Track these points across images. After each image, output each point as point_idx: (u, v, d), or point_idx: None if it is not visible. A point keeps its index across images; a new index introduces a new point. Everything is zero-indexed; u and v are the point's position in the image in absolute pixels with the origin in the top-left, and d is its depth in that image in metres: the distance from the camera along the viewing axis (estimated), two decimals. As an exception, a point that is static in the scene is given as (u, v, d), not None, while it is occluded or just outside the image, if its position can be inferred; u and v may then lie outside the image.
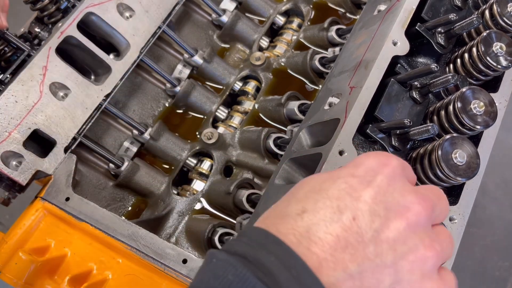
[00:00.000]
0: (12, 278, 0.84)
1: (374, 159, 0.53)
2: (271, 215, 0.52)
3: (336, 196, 0.50)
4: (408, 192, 0.51)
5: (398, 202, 0.50)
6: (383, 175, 0.51)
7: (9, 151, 0.91)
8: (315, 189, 0.52)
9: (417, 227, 0.50)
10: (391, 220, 0.49)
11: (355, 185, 0.50)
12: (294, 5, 1.30)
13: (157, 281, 0.88)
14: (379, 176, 0.51)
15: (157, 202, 1.09)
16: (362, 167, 0.52)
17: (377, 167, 0.52)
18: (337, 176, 0.52)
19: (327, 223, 0.48)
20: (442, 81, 0.81)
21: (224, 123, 1.19)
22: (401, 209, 0.50)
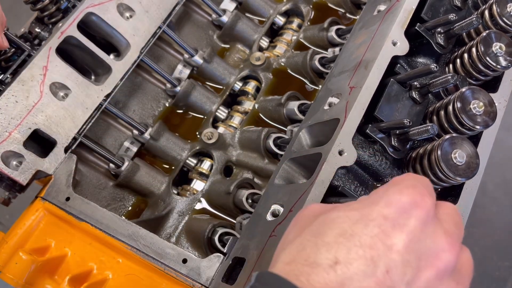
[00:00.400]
0: (13, 278, 0.84)
1: (408, 197, 0.50)
2: (298, 258, 0.49)
3: (369, 245, 0.48)
4: (440, 237, 0.50)
5: (429, 249, 0.49)
6: (417, 218, 0.49)
7: (10, 151, 0.91)
8: (346, 233, 0.49)
9: (445, 273, 0.50)
10: (422, 271, 0.48)
11: (387, 230, 0.49)
12: (294, 5, 1.31)
13: (157, 280, 0.88)
14: (412, 220, 0.49)
15: (157, 202, 1.09)
16: (395, 206, 0.50)
17: (410, 208, 0.50)
18: (368, 217, 0.50)
19: (360, 278, 0.46)
20: (441, 81, 0.81)
21: (224, 123, 1.20)
22: (432, 257, 0.49)
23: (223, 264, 0.86)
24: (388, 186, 0.53)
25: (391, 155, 0.83)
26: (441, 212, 0.53)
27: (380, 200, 0.51)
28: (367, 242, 0.48)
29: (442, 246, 0.50)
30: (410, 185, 0.52)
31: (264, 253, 0.74)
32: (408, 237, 0.48)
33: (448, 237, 0.51)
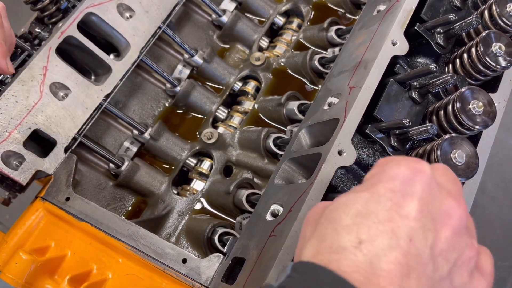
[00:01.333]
0: (13, 278, 0.84)
1: (407, 167, 0.52)
2: (322, 248, 0.50)
3: (386, 218, 0.49)
4: (445, 197, 0.52)
5: (440, 210, 0.51)
6: (421, 184, 0.51)
7: (10, 151, 0.91)
8: (361, 213, 0.50)
9: (460, 230, 0.51)
10: (440, 232, 0.50)
11: (399, 201, 0.50)
12: (294, 6, 1.31)
13: (157, 280, 0.88)
14: (418, 186, 0.51)
15: (157, 202, 1.09)
16: (398, 179, 0.52)
17: (412, 175, 0.52)
18: (377, 194, 0.51)
19: (386, 252, 0.47)
20: (441, 81, 0.81)
21: (224, 123, 1.20)
22: (445, 217, 0.51)
23: (223, 264, 0.86)
24: (381, 166, 0.55)
25: (390, 155, 0.83)
26: (437, 174, 0.55)
27: (382, 177, 0.53)
28: (384, 217, 0.49)
29: (451, 205, 0.51)
30: (403, 158, 0.54)
31: (264, 253, 0.74)
32: (420, 203, 0.50)
33: (452, 195, 0.52)
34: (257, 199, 0.94)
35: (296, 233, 0.69)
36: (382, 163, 0.55)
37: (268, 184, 0.92)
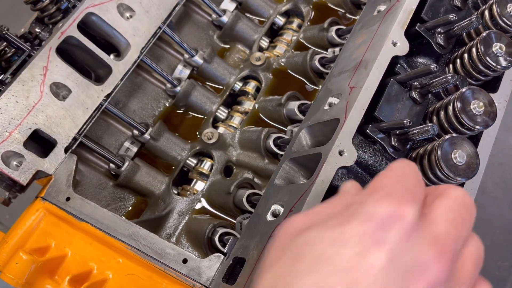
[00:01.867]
0: (13, 278, 0.84)
1: (387, 208, 0.47)
2: (278, 285, 0.47)
3: (348, 267, 0.45)
4: (425, 247, 0.46)
5: (416, 263, 0.45)
6: (397, 232, 0.46)
7: (10, 151, 0.91)
8: (324, 255, 0.47)
9: (438, 285, 0.46)
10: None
11: (367, 248, 0.45)
12: (294, 6, 1.31)
13: (157, 280, 0.88)
14: (391, 234, 0.46)
15: (157, 202, 1.09)
16: (372, 220, 0.46)
17: (388, 220, 0.46)
18: (345, 235, 0.47)
19: None
20: (441, 81, 0.81)
21: (224, 123, 1.20)
22: (419, 271, 0.45)
23: (223, 264, 0.86)
24: (369, 191, 0.50)
25: (391, 155, 0.83)
26: (435, 208, 0.49)
27: (358, 213, 0.48)
28: (346, 265, 0.45)
29: (429, 257, 0.45)
30: (388, 192, 0.48)
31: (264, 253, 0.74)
32: (389, 255, 0.45)
33: (436, 245, 0.46)
34: (258, 199, 0.94)
35: (297, 233, 0.69)
36: (374, 186, 0.50)
37: (269, 184, 0.92)
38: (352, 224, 0.47)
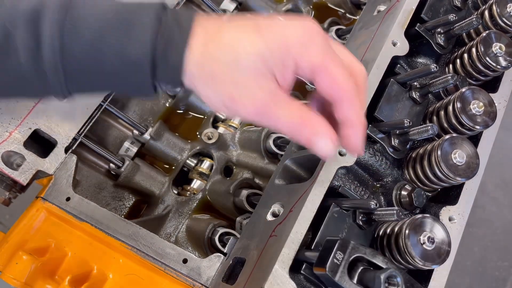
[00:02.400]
0: (13, 278, 0.84)
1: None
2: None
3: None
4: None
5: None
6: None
7: (10, 151, 0.91)
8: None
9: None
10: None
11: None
12: (294, 6, 1.31)
13: (158, 280, 0.88)
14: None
15: (157, 202, 1.09)
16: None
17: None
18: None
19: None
20: (441, 82, 0.81)
21: (224, 123, 1.20)
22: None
23: (223, 264, 0.86)
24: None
25: (391, 155, 0.83)
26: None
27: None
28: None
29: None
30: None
31: (265, 253, 0.74)
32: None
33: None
34: (258, 199, 0.94)
35: (297, 234, 0.69)
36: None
37: (269, 184, 0.92)
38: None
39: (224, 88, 0.58)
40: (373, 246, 0.74)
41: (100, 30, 0.56)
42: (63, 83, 0.58)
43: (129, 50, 0.56)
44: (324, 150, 0.61)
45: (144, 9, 0.58)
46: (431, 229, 0.67)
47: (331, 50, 0.60)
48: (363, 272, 0.62)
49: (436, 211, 0.81)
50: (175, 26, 0.58)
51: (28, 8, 0.55)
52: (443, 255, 0.67)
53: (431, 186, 0.80)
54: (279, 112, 0.59)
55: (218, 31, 0.58)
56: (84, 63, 0.57)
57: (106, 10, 0.57)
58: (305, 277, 0.70)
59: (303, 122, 0.60)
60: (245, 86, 0.57)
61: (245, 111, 0.59)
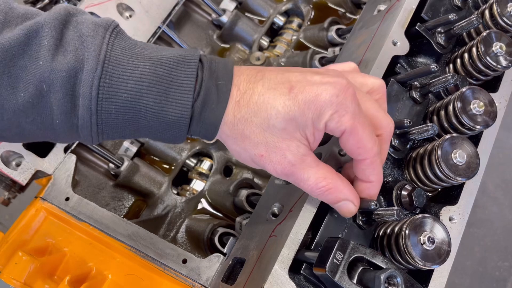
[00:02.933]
0: (12, 278, 0.84)
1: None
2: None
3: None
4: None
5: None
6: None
7: (9, 151, 0.91)
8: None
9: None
10: None
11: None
12: (294, 5, 1.31)
13: (157, 281, 0.88)
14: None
15: (157, 202, 1.09)
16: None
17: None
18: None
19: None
20: (441, 81, 0.81)
21: (224, 123, 1.19)
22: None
23: (223, 264, 0.86)
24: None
25: (391, 155, 0.83)
26: None
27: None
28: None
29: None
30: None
31: (264, 253, 0.74)
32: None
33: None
34: (257, 199, 0.93)
35: (297, 234, 0.69)
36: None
37: (268, 184, 0.92)
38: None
39: (255, 147, 0.60)
40: (373, 246, 0.74)
41: (138, 92, 0.56)
42: (96, 136, 0.59)
43: (169, 111, 0.57)
44: (346, 212, 0.66)
45: (182, 67, 0.58)
46: (431, 229, 0.67)
47: (361, 114, 0.61)
48: (363, 272, 0.62)
49: (436, 211, 0.81)
50: (213, 87, 0.59)
51: (65, 69, 0.55)
52: (443, 255, 0.66)
53: (431, 186, 0.80)
54: (306, 175, 0.62)
55: (251, 92, 0.60)
56: (119, 122, 0.58)
57: (144, 71, 0.57)
58: (305, 277, 0.70)
59: (328, 188, 0.63)
60: (275, 147, 0.60)
61: (273, 169, 0.62)
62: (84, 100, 0.55)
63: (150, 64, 0.57)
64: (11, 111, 0.55)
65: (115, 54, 0.57)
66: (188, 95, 0.57)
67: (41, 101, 0.55)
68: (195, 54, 0.60)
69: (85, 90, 0.55)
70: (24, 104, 0.55)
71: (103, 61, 0.55)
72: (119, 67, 0.56)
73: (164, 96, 0.57)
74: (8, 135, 0.59)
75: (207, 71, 0.60)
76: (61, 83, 0.54)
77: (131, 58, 0.57)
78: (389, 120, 0.68)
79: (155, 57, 0.58)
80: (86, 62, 0.55)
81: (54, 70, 0.54)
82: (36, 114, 0.56)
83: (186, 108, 0.57)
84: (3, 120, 0.56)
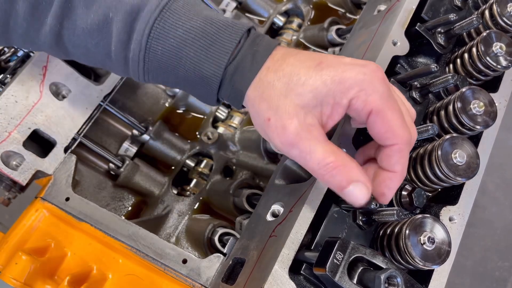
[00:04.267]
0: (12, 278, 0.84)
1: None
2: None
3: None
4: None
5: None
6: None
7: (9, 151, 0.91)
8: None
9: None
10: None
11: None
12: (294, 5, 1.31)
13: (157, 281, 0.88)
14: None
15: (157, 202, 1.09)
16: None
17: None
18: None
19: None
20: (441, 81, 0.81)
21: (224, 123, 1.19)
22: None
23: (223, 265, 0.86)
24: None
25: (391, 155, 0.83)
26: None
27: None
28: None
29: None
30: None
31: (264, 253, 0.74)
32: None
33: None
34: (258, 199, 0.93)
35: (297, 234, 0.69)
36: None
37: (268, 184, 0.92)
38: None
39: (266, 110, 0.60)
40: (373, 246, 0.74)
41: (184, 40, 0.62)
42: (142, 74, 0.66)
43: (204, 66, 0.63)
44: (358, 198, 0.60)
45: (229, 31, 0.64)
46: (431, 229, 0.67)
47: (390, 97, 0.59)
48: (363, 272, 0.62)
49: (436, 211, 0.81)
50: (249, 56, 0.63)
51: (131, 3, 0.62)
52: (443, 255, 0.66)
53: (431, 186, 0.80)
54: (311, 147, 0.58)
55: (283, 61, 0.62)
56: (162, 64, 0.64)
57: (195, 24, 0.63)
58: (305, 277, 0.70)
59: (337, 165, 0.58)
60: (284, 112, 0.58)
61: (277, 138, 0.60)
62: (138, 35, 0.62)
63: (202, 20, 0.63)
64: (81, 29, 0.63)
65: (176, 4, 0.63)
66: (225, 56, 0.62)
67: (105, 27, 0.63)
68: (244, 25, 0.65)
69: (140, 26, 0.62)
70: (91, 26, 0.63)
71: (163, 6, 0.62)
72: (174, 15, 0.62)
73: (205, 51, 0.62)
74: (77, 52, 0.68)
75: (250, 41, 0.64)
76: (123, 15, 0.62)
77: (189, 12, 0.63)
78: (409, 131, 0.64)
79: (209, 17, 0.64)
80: (148, 3, 0.62)
81: (121, 2, 0.62)
82: (100, 38, 0.64)
83: (220, 67, 0.62)
84: (74, 35, 0.64)
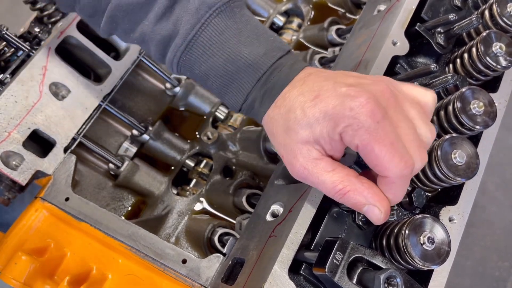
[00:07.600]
0: (12, 278, 0.84)
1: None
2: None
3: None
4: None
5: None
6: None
7: (9, 151, 0.91)
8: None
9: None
10: None
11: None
12: (294, 5, 1.30)
13: (157, 281, 0.88)
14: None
15: (156, 202, 1.09)
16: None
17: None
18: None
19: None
20: (441, 81, 0.81)
21: (224, 123, 1.19)
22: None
23: (222, 265, 0.86)
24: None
25: (391, 155, 0.83)
26: None
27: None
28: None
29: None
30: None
31: (264, 253, 0.74)
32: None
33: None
34: (257, 199, 0.93)
35: (296, 234, 0.69)
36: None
37: (268, 184, 0.92)
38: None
39: (279, 147, 0.67)
40: (372, 247, 0.74)
41: (207, 75, 0.71)
42: (176, 72, 0.75)
43: (225, 99, 0.72)
44: (372, 217, 0.62)
45: (247, 73, 0.68)
46: (431, 229, 0.67)
47: (379, 130, 0.57)
48: (362, 272, 0.62)
49: (436, 211, 0.81)
50: (259, 98, 0.68)
51: (162, 34, 0.71)
52: (443, 256, 0.66)
53: (431, 186, 0.80)
54: (319, 179, 0.62)
55: (288, 95, 0.65)
56: (193, 77, 0.75)
57: (217, 62, 0.69)
58: (305, 277, 0.70)
59: (346, 191, 0.61)
60: (290, 149, 0.63)
61: (291, 171, 0.65)
62: (169, 61, 0.73)
63: (224, 58, 0.68)
64: (130, 42, 0.79)
65: (203, 37, 0.68)
66: (241, 97, 0.70)
67: (143, 43, 0.76)
68: (268, 62, 0.68)
69: (170, 55, 0.72)
70: (136, 41, 0.76)
71: (190, 41, 0.69)
72: (199, 50, 0.69)
73: (225, 88, 0.71)
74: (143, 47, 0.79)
75: (263, 82, 0.68)
76: (156, 42, 0.72)
77: (214, 44, 0.69)
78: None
79: (232, 52, 0.68)
80: (177, 36, 0.69)
81: (154, 32, 0.71)
82: (144, 47, 0.78)
83: (237, 104, 0.71)
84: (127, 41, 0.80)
